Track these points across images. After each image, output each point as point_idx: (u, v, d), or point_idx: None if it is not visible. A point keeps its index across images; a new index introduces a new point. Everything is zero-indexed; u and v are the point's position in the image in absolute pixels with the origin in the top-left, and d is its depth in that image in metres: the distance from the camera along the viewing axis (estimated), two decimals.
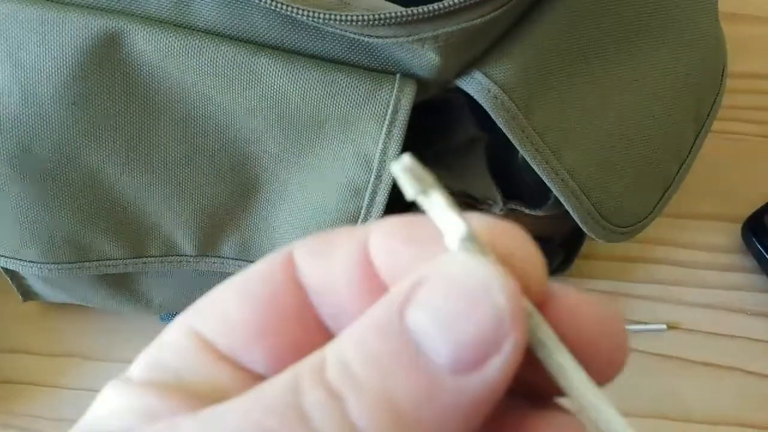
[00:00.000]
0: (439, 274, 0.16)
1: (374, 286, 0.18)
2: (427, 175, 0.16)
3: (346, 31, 0.32)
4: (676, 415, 0.45)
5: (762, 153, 0.52)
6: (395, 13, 0.31)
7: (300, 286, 0.18)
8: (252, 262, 0.39)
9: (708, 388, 0.46)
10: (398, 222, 0.17)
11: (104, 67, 0.34)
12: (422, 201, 0.16)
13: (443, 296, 0.16)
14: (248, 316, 0.18)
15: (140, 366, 0.18)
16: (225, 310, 0.18)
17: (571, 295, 0.17)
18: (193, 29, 0.34)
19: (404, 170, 0.16)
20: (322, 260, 0.18)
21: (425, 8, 0.31)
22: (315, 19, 0.32)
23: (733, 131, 0.52)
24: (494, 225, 0.17)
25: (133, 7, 0.34)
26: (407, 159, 0.16)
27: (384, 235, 0.17)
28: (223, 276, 0.42)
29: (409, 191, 0.16)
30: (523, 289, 0.16)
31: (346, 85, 0.34)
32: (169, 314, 0.48)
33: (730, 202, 0.50)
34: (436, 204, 0.16)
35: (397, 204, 0.38)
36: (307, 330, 0.18)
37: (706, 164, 0.47)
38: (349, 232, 0.18)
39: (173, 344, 0.18)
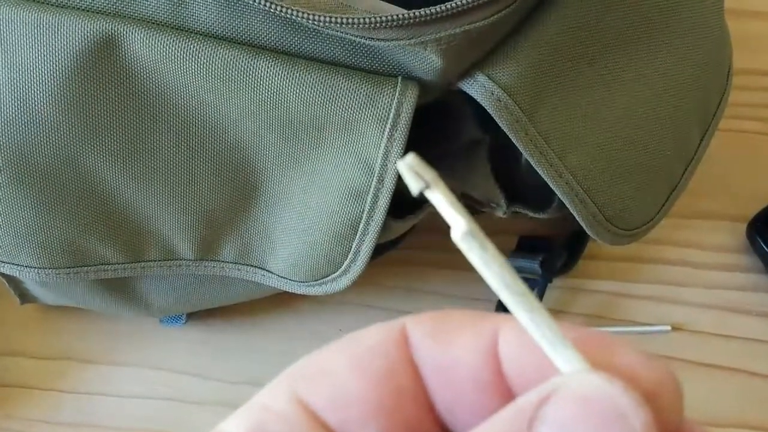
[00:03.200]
0: (570, 389, 0.15)
1: (498, 382, 0.17)
2: (430, 173, 0.16)
3: (346, 34, 0.32)
4: None
5: (767, 151, 0.52)
6: (397, 15, 0.31)
7: (414, 366, 0.18)
8: (251, 266, 0.40)
9: (712, 390, 0.46)
10: None
11: (101, 70, 0.34)
12: (427, 195, 0.17)
13: (573, 415, 0.15)
14: (365, 392, 0.17)
15: (240, 429, 0.17)
16: (339, 383, 0.17)
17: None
18: (191, 32, 0.33)
19: (408, 167, 0.16)
20: (443, 345, 0.18)
21: (427, 11, 0.31)
22: (315, 22, 0.31)
23: (738, 129, 0.52)
24: (643, 360, 0.17)
25: (129, 10, 0.33)
26: (411, 157, 0.17)
27: (520, 332, 0.17)
28: (222, 280, 0.42)
29: (414, 187, 0.16)
30: (656, 417, 0.16)
31: (346, 88, 0.33)
32: (169, 317, 0.48)
33: (734, 201, 0.50)
34: (438, 201, 0.16)
35: (398, 209, 0.38)
36: (418, 412, 0.18)
37: (712, 163, 0.46)
38: (473, 319, 0.18)
39: (279, 413, 0.17)
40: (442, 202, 0.16)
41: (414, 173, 0.16)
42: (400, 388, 0.17)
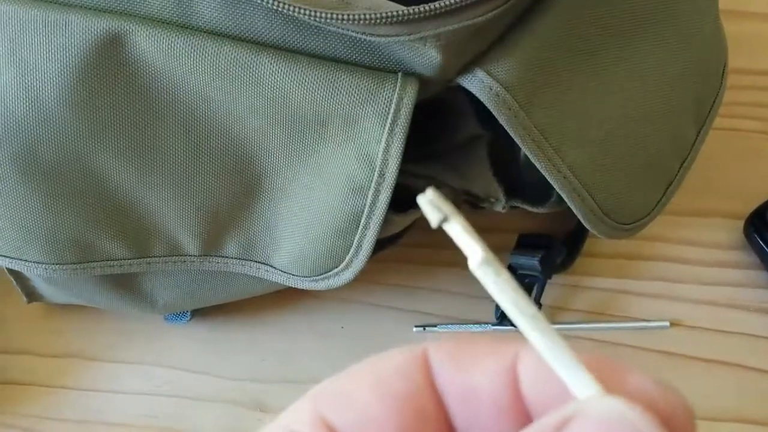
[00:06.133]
0: (590, 413, 0.16)
1: (519, 407, 0.18)
2: (448, 206, 0.18)
3: (347, 30, 0.32)
4: None
5: (764, 150, 0.52)
6: (397, 11, 0.31)
7: (436, 390, 0.18)
8: (255, 262, 0.40)
9: (710, 385, 0.46)
10: None
11: (107, 67, 0.34)
12: (445, 228, 0.18)
13: None
14: (388, 415, 0.18)
15: None
16: (363, 406, 0.18)
17: None
18: (196, 30, 0.34)
19: (428, 202, 0.18)
20: (464, 369, 0.18)
21: (427, 7, 0.31)
22: (317, 19, 0.32)
23: (735, 128, 0.52)
24: (656, 386, 0.17)
25: (135, 8, 0.34)
26: (431, 192, 0.18)
27: (539, 359, 0.17)
28: (226, 276, 0.43)
29: (433, 220, 0.18)
30: None
31: (348, 83, 0.34)
32: (173, 314, 0.48)
33: (732, 198, 0.50)
34: (456, 232, 0.18)
35: (399, 203, 0.38)
36: None
37: (709, 161, 0.47)
38: (494, 344, 0.18)
39: None
40: (460, 233, 0.17)
41: (433, 207, 0.17)
42: (421, 412, 0.18)
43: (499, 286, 0.17)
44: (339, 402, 0.18)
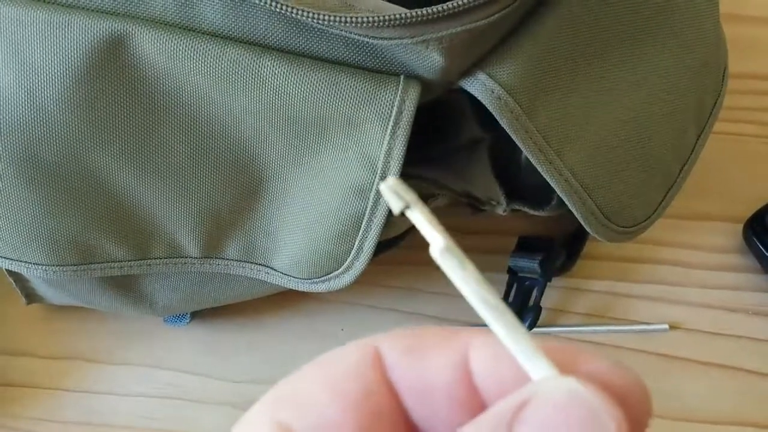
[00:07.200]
0: (548, 394, 0.16)
1: (472, 396, 0.18)
2: (410, 194, 0.18)
3: (350, 33, 0.33)
4: (677, 415, 0.45)
5: (763, 154, 0.52)
6: (399, 14, 0.31)
7: (390, 384, 0.18)
8: (256, 264, 0.40)
9: (709, 388, 0.46)
10: None
11: (109, 69, 0.34)
12: (408, 215, 0.18)
13: (552, 416, 0.16)
14: (344, 416, 0.18)
15: None
16: (319, 409, 0.18)
17: None
18: (198, 32, 0.34)
19: (390, 189, 0.18)
20: (417, 362, 0.18)
21: (429, 10, 0.31)
22: (319, 21, 0.32)
23: (734, 132, 0.52)
24: (611, 367, 0.18)
25: (137, 10, 0.34)
26: (392, 179, 0.18)
27: (489, 348, 0.18)
28: (227, 278, 0.43)
29: (395, 207, 0.18)
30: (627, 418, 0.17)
31: (350, 86, 0.34)
32: (173, 316, 0.48)
33: (731, 202, 0.51)
34: (417, 220, 0.18)
35: None
36: (397, 431, 0.18)
37: (708, 165, 0.47)
38: (445, 335, 0.19)
39: None
40: (422, 221, 0.18)
41: (395, 194, 0.18)
42: (378, 410, 0.18)
43: (460, 274, 0.17)
44: (295, 407, 0.18)
